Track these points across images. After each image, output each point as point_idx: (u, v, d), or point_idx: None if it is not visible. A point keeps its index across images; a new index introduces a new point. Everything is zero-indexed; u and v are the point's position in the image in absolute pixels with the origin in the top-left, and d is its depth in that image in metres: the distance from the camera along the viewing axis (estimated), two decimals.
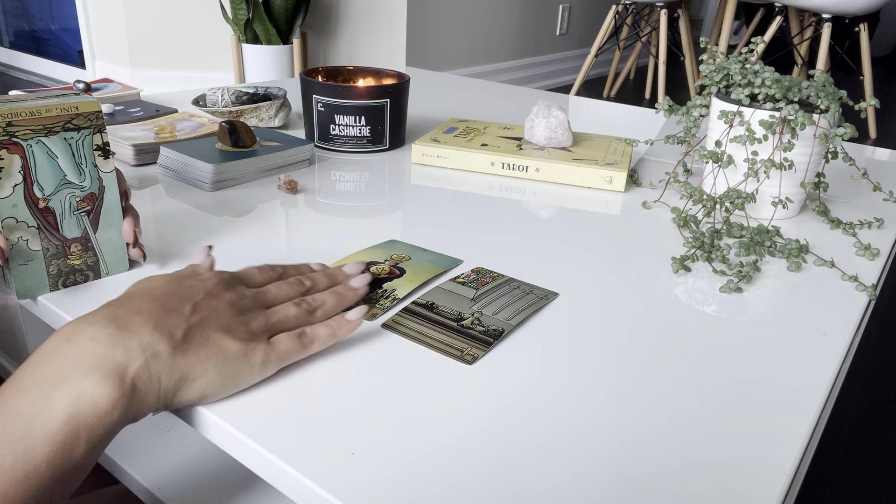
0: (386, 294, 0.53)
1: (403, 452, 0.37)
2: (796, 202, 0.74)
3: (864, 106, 0.69)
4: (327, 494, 0.34)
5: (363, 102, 0.86)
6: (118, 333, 0.36)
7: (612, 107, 1.26)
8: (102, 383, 0.34)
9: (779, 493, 0.36)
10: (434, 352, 0.47)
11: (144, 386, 0.36)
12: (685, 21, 3.19)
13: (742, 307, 0.55)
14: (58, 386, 0.34)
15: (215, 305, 0.41)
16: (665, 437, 0.40)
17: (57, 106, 0.47)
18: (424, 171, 0.84)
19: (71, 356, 0.35)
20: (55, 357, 0.35)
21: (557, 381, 0.44)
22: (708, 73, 0.74)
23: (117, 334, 0.36)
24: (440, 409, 0.41)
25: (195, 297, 0.41)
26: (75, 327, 0.37)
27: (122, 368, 0.35)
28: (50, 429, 0.33)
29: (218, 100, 0.96)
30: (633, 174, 0.86)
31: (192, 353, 0.38)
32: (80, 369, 0.34)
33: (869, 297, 0.58)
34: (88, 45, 2.92)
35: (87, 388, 0.34)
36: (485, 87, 1.36)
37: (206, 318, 0.40)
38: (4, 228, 0.47)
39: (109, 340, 0.36)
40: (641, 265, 0.62)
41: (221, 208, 0.69)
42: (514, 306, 0.53)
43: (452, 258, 0.60)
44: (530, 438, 0.39)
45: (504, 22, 3.20)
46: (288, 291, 0.46)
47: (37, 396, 0.33)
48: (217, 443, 0.40)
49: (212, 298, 0.41)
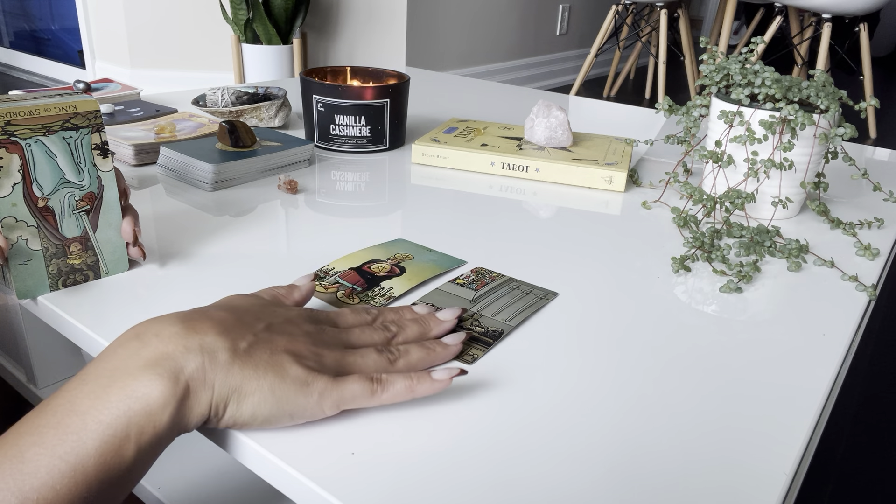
0: (382, 292, 0.53)
1: (403, 452, 0.37)
2: (796, 202, 0.74)
3: (864, 106, 0.69)
4: (327, 494, 0.34)
5: (363, 102, 0.86)
6: (183, 333, 0.36)
7: (612, 107, 1.26)
8: (156, 381, 0.34)
9: (779, 492, 0.36)
10: None
11: (197, 389, 0.35)
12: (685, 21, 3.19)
13: (742, 307, 0.55)
14: (115, 379, 0.34)
15: (291, 330, 0.39)
16: (665, 436, 0.40)
17: (55, 105, 0.47)
18: (424, 171, 0.84)
19: (133, 351, 0.35)
20: (120, 351, 0.35)
21: (557, 381, 0.44)
22: (708, 73, 0.74)
23: (182, 333, 0.36)
24: (440, 409, 0.41)
25: (272, 319, 0.40)
26: (146, 324, 0.37)
27: (178, 367, 0.35)
28: (102, 422, 0.32)
29: (218, 100, 0.96)
30: (633, 174, 0.86)
31: (251, 367, 0.36)
32: (139, 364, 0.34)
33: (869, 297, 0.58)
34: (88, 45, 2.91)
35: (142, 384, 0.34)
36: (485, 87, 1.36)
37: (276, 338, 0.38)
38: (4, 228, 0.47)
39: (173, 338, 0.35)
40: (641, 265, 0.62)
41: (221, 208, 0.69)
42: (514, 307, 0.53)
43: (456, 259, 0.60)
44: (530, 438, 0.39)
45: (504, 22, 3.20)
46: (373, 337, 0.43)
47: (95, 389, 0.34)
48: (217, 443, 0.40)
49: (289, 324, 0.40)
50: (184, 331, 0.36)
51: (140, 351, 0.35)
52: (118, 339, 0.36)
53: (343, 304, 0.51)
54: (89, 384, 0.34)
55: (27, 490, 0.30)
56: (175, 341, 0.35)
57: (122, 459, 0.33)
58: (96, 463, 0.32)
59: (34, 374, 0.67)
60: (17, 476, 0.31)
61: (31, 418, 0.33)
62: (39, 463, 0.31)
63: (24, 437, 0.32)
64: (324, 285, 0.54)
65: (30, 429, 0.32)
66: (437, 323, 0.46)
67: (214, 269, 0.56)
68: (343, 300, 0.52)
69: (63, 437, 0.32)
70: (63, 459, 0.31)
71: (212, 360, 0.35)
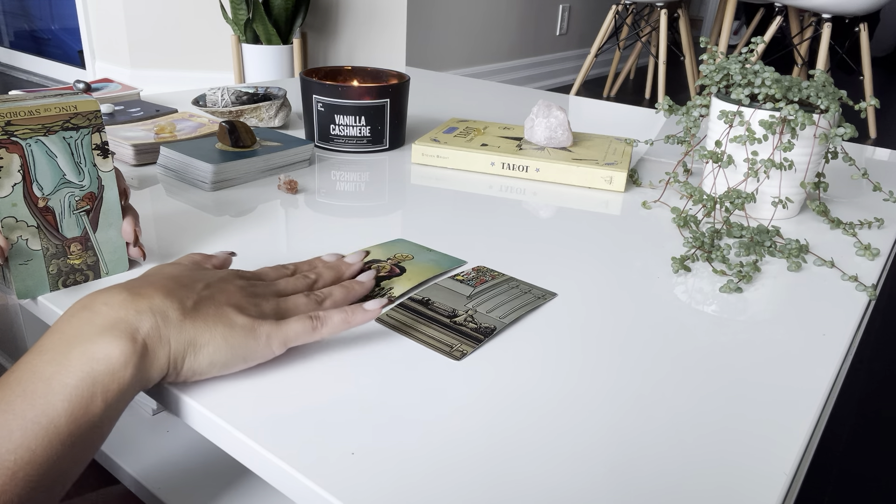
0: (382, 291, 0.53)
1: (403, 452, 0.37)
2: (796, 202, 0.74)
3: (864, 106, 0.69)
4: (327, 494, 0.34)
5: (363, 102, 0.86)
6: (131, 298, 0.39)
7: (612, 107, 1.26)
8: (115, 342, 0.36)
9: (779, 492, 0.36)
10: (424, 347, 0.47)
11: (154, 346, 0.38)
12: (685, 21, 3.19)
13: (742, 307, 0.55)
14: (74, 345, 0.36)
15: (227, 287, 0.43)
16: (664, 436, 0.40)
17: (56, 105, 0.47)
18: (424, 171, 0.84)
19: (86, 319, 0.37)
20: (72, 321, 0.38)
21: (557, 381, 0.44)
22: (708, 73, 0.74)
23: (130, 299, 0.38)
24: (440, 409, 0.41)
25: (207, 279, 0.43)
26: (91, 296, 0.39)
27: (134, 328, 0.37)
28: (67, 384, 0.35)
29: (218, 100, 0.96)
30: (633, 174, 0.86)
31: (201, 320, 0.39)
32: (94, 329, 0.37)
33: (869, 297, 0.58)
34: (88, 45, 2.92)
35: (102, 346, 0.36)
36: (485, 87, 1.36)
37: (216, 294, 0.42)
38: (4, 228, 0.47)
39: (122, 304, 0.38)
40: (641, 265, 0.62)
41: (221, 208, 0.69)
42: (510, 305, 0.53)
43: (456, 259, 0.60)
44: (530, 438, 0.39)
45: (504, 22, 3.20)
46: (297, 284, 0.48)
47: (55, 356, 0.36)
48: (217, 443, 0.40)
49: (224, 282, 0.43)
50: (131, 297, 0.39)
51: (93, 319, 0.37)
52: (66, 312, 0.39)
53: None
54: (47, 353, 0.36)
55: (3, 452, 0.32)
56: (125, 306, 0.38)
57: (90, 415, 0.35)
58: (67, 421, 0.34)
59: None
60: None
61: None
62: (12, 427, 0.33)
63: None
64: None
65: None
66: (347, 266, 0.53)
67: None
68: None
69: (31, 402, 0.34)
70: (34, 422, 0.33)
71: (164, 319, 0.38)
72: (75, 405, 0.34)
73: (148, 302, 0.39)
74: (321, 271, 0.51)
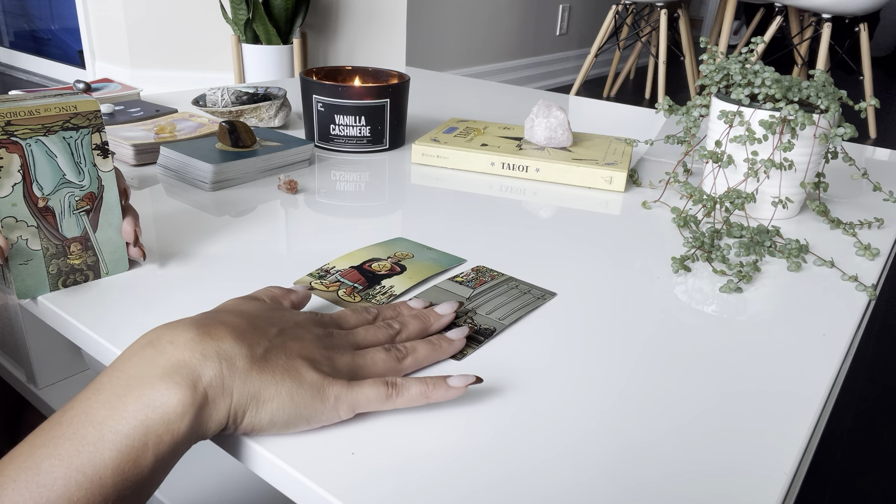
0: (383, 290, 0.53)
1: (403, 453, 0.37)
2: (796, 202, 0.74)
3: (864, 106, 0.69)
4: (327, 494, 0.34)
5: (363, 102, 0.86)
6: (199, 339, 0.35)
7: (612, 107, 1.26)
8: (174, 389, 0.33)
9: (779, 492, 0.36)
10: None
11: (216, 397, 0.35)
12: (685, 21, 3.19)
13: (742, 307, 0.55)
14: (132, 388, 0.33)
15: (302, 335, 0.40)
16: (664, 436, 0.40)
17: (56, 105, 0.47)
18: (424, 171, 0.84)
19: (149, 359, 0.35)
20: (134, 360, 0.35)
21: (558, 382, 0.44)
22: (708, 73, 0.74)
23: (198, 339, 0.35)
24: (440, 408, 0.41)
25: (283, 324, 0.40)
26: (159, 331, 0.36)
27: (196, 375, 0.34)
28: (119, 432, 0.32)
29: (218, 100, 0.96)
30: (633, 174, 0.86)
31: (269, 372, 0.36)
32: (156, 372, 0.34)
33: (869, 297, 0.58)
34: (88, 45, 2.91)
35: (160, 393, 0.33)
36: (485, 87, 1.36)
37: (289, 344, 0.38)
38: (4, 228, 0.47)
39: (188, 345, 0.35)
40: (641, 265, 0.62)
41: (221, 208, 0.69)
42: (510, 306, 0.53)
43: (456, 257, 0.60)
44: (529, 438, 0.39)
45: (504, 22, 3.20)
46: (378, 335, 0.44)
47: (111, 398, 0.33)
48: (217, 443, 0.40)
49: (300, 329, 0.40)
50: (199, 337, 0.36)
51: (156, 359, 0.34)
52: (131, 347, 0.36)
53: (344, 302, 0.51)
54: (104, 393, 0.33)
55: (44, 502, 0.30)
56: (191, 348, 0.35)
57: (139, 469, 0.32)
58: (114, 474, 0.31)
59: (34, 374, 0.67)
60: (34, 488, 0.30)
61: (45, 429, 0.32)
62: (56, 475, 0.31)
63: (39, 449, 0.31)
64: (325, 283, 0.54)
65: (45, 440, 0.32)
66: (436, 318, 0.47)
67: (214, 269, 0.56)
68: (344, 298, 0.52)
69: (79, 448, 0.31)
70: (80, 471, 0.31)
71: (230, 366, 0.35)
72: (124, 457, 0.32)
73: (216, 345, 0.35)
74: (406, 321, 0.45)
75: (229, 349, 0.36)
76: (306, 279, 0.55)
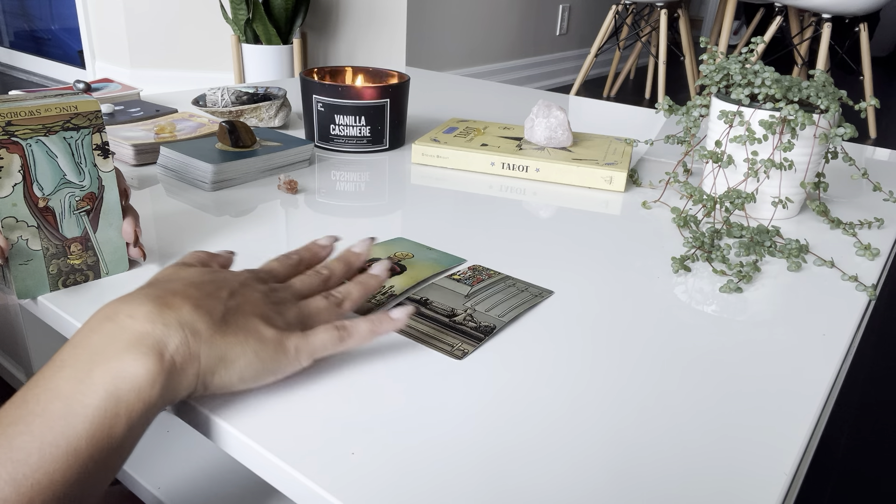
0: (383, 290, 0.53)
1: (403, 452, 0.37)
2: (796, 202, 0.74)
3: (864, 106, 0.69)
4: (327, 494, 0.34)
5: (363, 102, 0.86)
6: (158, 311, 0.36)
7: (612, 107, 1.26)
8: (142, 359, 0.34)
9: (779, 492, 0.36)
10: (426, 347, 0.47)
11: (183, 363, 0.36)
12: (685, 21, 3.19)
13: (742, 307, 0.55)
14: (97, 363, 0.34)
15: (250, 294, 0.41)
16: (664, 436, 0.40)
17: (56, 105, 0.47)
18: (424, 171, 0.84)
19: (110, 333, 0.35)
20: (95, 335, 0.35)
21: (558, 381, 0.44)
22: (708, 73, 0.74)
23: (157, 311, 0.36)
24: (440, 408, 0.41)
25: (231, 286, 0.41)
26: (115, 306, 0.37)
27: (162, 344, 0.35)
28: (89, 405, 0.33)
29: (218, 100, 0.96)
30: (633, 174, 0.86)
31: (231, 334, 0.38)
32: (119, 346, 0.35)
33: (869, 297, 0.58)
34: (88, 45, 2.91)
35: (127, 364, 0.34)
36: (485, 87, 1.36)
37: (242, 304, 0.40)
38: (4, 228, 0.47)
39: (149, 317, 0.36)
40: (641, 265, 0.62)
41: (221, 208, 0.69)
42: (508, 303, 0.53)
43: (456, 257, 0.61)
44: (529, 437, 0.39)
45: (504, 22, 3.20)
46: (313, 284, 0.46)
47: (76, 373, 0.34)
48: (217, 443, 0.40)
49: (246, 288, 0.42)
50: (158, 309, 0.36)
51: (118, 333, 0.35)
52: (88, 322, 0.37)
53: None
54: (67, 369, 0.34)
55: (20, 477, 0.31)
56: (152, 320, 0.36)
57: (113, 437, 0.33)
58: (88, 444, 0.32)
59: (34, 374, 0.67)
60: (9, 465, 0.31)
61: (10, 409, 0.33)
62: (29, 450, 0.31)
63: (9, 428, 0.32)
64: None
65: (13, 419, 0.32)
66: (356, 257, 0.50)
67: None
68: None
69: (51, 423, 0.32)
70: (53, 444, 0.32)
71: (193, 333, 0.36)
72: (97, 427, 0.33)
73: (176, 314, 0.36)
74: (332, 266, 0.48)
75: (189, 317, 0.37)
76: None
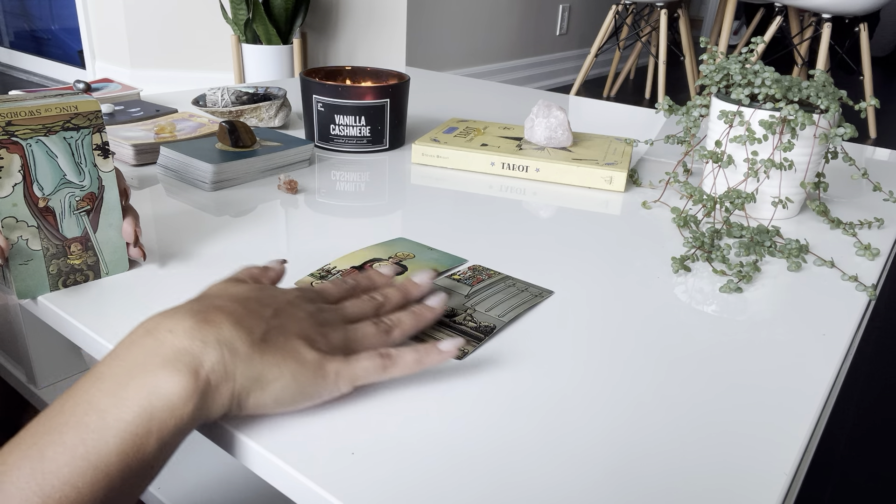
0: None
1: (403, 452, 0.37)
2: (796, 202, 0.74)
3: (864, 106, 0.69)
4: (327, 494, 0.34)
5: (363, 102, 0.86)
6: (197, 326, 0.36)
7: (612, 107, 1.26)
8: (177, 376, 0.34)
9: (779, 492, 0.36)
10: None
11: (218, 382, 0.35)
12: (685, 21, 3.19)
13: (742, 307, 0.55)
14: (134, 377, 0.34)
15: (295, 314, 0.40)
16: (664, 436, 0.40)
17: (56, 105, 0.47)
18: (424, 171, 0.84)
19: (149, 348, 0.35)
20: (134, 349, 0.35)
21: (559, 381, 0.44)
22: (708, 73, 0.74)
23: (196, 327, 0.36)
24: (440, 408, 0.41)
25: (276, 304, 0.40)
26: (157, 320, 0.37)
27: (198, 362, 0.35)
28: (123, 419, 0.32)
29: (218, 100, 0.96)
30: (633, 174, 0.86)
31: (270, 354, 0.37)
32: (157, 361, 0.34)
33: (869, 297, 0.58)
34: (88, 45, 2.91)
35: (162, 380, 0.34)
36: (485, 87, 1.36)
37: (285, 324, 0.39)
38: (4, 228, 0.47)
39: (188, 333, 0.35)
40: (641, 265, 0.62)
41: (221, 208, 0.69)
42: (508, 303, 0.53)
43: (457, 257, 0.61)
44: (529, 437, 0.39)
45: (504, 22, 3.20)
46: (364, 308, 0.45)
47: (112, 386, 0.33)
48: (217, 443, 0.40)
49: (292, 307, 0.41)
50: (197, 325, 0.36)
51: (156, 348, 0.35)
52: (129, 336, 0.36)
53: None
54: (106, 382, 0.34)
55: (48, 489, 0.30)
56: (191, 336, 0.35)
57: (143, 454, 0.33)
58: (118, 460, 0.32)
59: (34, 374, 0.67)
60: (38, 476, 0.30)
61: (47, 418, 0.33)
62: (60, 462, 0.31)
63: (42, 437, 0.32)
64: None
65: (48, 428, 0.32)
66: (415, 287, 0.48)
67: (214, 269, 0.56)
68: None
69: (83, 436, 0.32)
70: (84, 458, 0.31)
71: (231, 352, 0.36)
72: (129, 444, 0.32)
73: (215, 331, 0.36)
74: (388, 293, 0.47)
75: (229, 335, 0.36)
76: (307, 279, 0.55)
